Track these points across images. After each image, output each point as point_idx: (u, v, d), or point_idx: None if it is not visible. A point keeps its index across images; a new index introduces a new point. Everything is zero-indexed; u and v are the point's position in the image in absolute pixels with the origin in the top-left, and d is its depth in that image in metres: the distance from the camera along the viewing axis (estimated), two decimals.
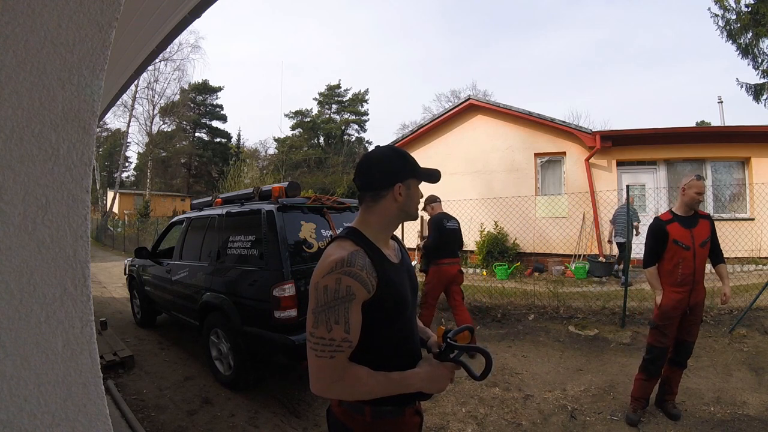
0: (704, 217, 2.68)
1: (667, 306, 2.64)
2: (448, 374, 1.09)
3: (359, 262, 1.00)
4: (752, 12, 12.18)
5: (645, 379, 2.73)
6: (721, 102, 15.08)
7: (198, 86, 37.54)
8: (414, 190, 1.16)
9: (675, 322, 2.64)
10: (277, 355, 2.95)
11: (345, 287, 0.97)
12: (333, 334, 0.96)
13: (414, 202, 1.17)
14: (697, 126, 15.80)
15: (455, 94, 32.83)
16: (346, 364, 0.98)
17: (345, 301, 0.96)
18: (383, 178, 1.11)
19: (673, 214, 2.67)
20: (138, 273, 5.30)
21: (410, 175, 1.14)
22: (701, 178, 2.63)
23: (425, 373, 1.06)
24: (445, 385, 1.09)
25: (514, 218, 7.92)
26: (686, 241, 2.58)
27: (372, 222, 1.13)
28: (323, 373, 0.97)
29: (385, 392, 1.02)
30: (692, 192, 2.59)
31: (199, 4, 2.60)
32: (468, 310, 5.50)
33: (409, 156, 1.17)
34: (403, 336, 1.13)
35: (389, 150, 1.16)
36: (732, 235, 7.00)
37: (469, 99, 10.02)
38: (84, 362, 0.80)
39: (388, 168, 1.12)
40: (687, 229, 2.60)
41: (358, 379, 0.99)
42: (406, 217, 1.17)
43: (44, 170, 0.75)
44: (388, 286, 1.04)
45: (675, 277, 2.60)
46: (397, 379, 1.03)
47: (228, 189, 18.26)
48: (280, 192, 3.37)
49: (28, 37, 0.72)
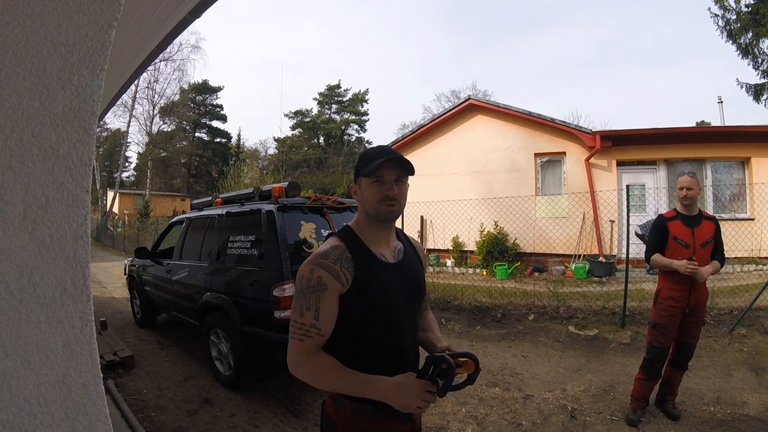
0: (709, 219, 2.64)
1: (665, 302, 2.63)
2: (417, 391, 0.96)
3: (334, 255, 1.05)
4: (752, 12, 12.18)
5: (645, 379, 2.72)
6: (721, 102, 15.08)
7: (198, 86, 37.51)
8: (365, 188, 1.11)
9: (675, 322, 2.61)
10: (277, 355, 2.94)
11: (317, 277, 1.03)
12: (303, 319, 1.02)
13: (367, 201, 1.11)
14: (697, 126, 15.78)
15: (455, 94, 32.81)
16: (312, 349, 1.03)
17: (316, 290, 1.02)
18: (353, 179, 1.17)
19: (677, 212, 2.67)
20: (138, 273, 5.29)
21: (357, 173, 1.14)
22: (689, 173, 2.63)
23: (393, 383, 0.98)
24: (413, 404, 0.96)
25: (514, 218, 7.92)
26: (686, 240, 2.57)
27: (359, 221, 1.17)
28: (292, 353, 1.04)
29: (347, 390, 1.02)
30: (678, 189, 2.62)
31: (199, 4, 2.60)
32: (468, 310, 5.52)
33: (366, 154, 1.13)
34: (385, 339, 1.09)
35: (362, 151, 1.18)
36: (732, 235, 6.98)
37: (469, 99, 10.02)
38: (84, 362, 0.80)
39: (355, 168, 1.17)
40: (688, 227, 2.59)
41: (322, 367, 1.02)
42: (372, 218, 1.13)
43: (44, 170, 0.75)
44: (367, 282, 1.06)
45: (674, 275, 2.58)
46: (361, 380, 1.01)
47: (228, 189, 18.27)
48: (280, 192, 3.37)
49: (28, 37, 0.72)
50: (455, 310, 5.58)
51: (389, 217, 1.12)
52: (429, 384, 0.98)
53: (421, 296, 1.26)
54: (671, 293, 2.61)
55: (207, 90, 39.45)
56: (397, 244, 1.22)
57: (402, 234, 1.29)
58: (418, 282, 1.22)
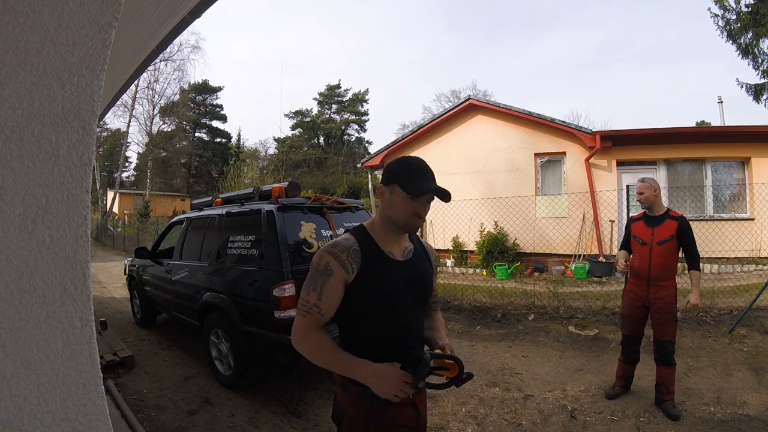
0: (673, 218, 2.79)
1: (627, 295, 2.97)
2: (396, 379, 1.05)
3: (343, 245, 1.16)
4: (752, 12, 12.18)
5: (622, 361, 3.04)
6: (721, 102, 15.07)
7: (198, 86, 37.50)
8: (397, 198, 1.16)
9: (636, 313, 2.90)
10: (277, 355, 2.94)
11: (325, 263, 1.14)
12: (308, 298, 1.14)
13: (395, 209, 1.17)
14: (697, 126, 15.77)
15: (455, 94, 32.81)
16: (313, 326, 1.14)
17: (323, 275, 1.13)
18: (381, 179, 1.23)
19: (644, 214, 2.92)
20: (138, 273, 5.29)
21: (393, 179, 1.19)
22: (642, 180, 2.89)
23: (375, 369, 1.08)
24: (390, 391, 1.05)
25: (514, 218, 7.91)
26: (645, 238, 2.84)
27: (375, 222, 1.25)
28: (295, 327, 1.16)
29: (335, 367, 1.13)
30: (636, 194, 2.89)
31: (199, 4, 2.60)
32: (468, 310, 5.52)
33: (410, 169, 1.18)
34: (388, 331, 1.17)
35: (404, 157, 1.23)
36: (732, 235, 6.99)
37: (469, 99, 10.01)
38: (84, 362, 0.80)
39: (385, 171, 1.23)
40: (649, 227, 2.84)
41: (318, 344, 1.14)
42: (392, 223, 1.20)
43: (44, 170, 0.75)
44: (372, 274, 1.15)
45: (634, 270, 2.91)
46: (349, 361, 1.11)
47: (228, 189, 18.26)
48: (280, 192, 3.37)
49: (28, 37, 0.72)
50: (455, 310, 5.58)
51: (413, 230, 1.25)
52: (408, 376, 1.06)
53: (427, 295, 1.31)
54: (631, 287, 2.94)
55: (207, 90, 39.45)
56: (408, 245, 1.28)
57: (415, 237, 1.35)
58: (424, 281, 1.28)
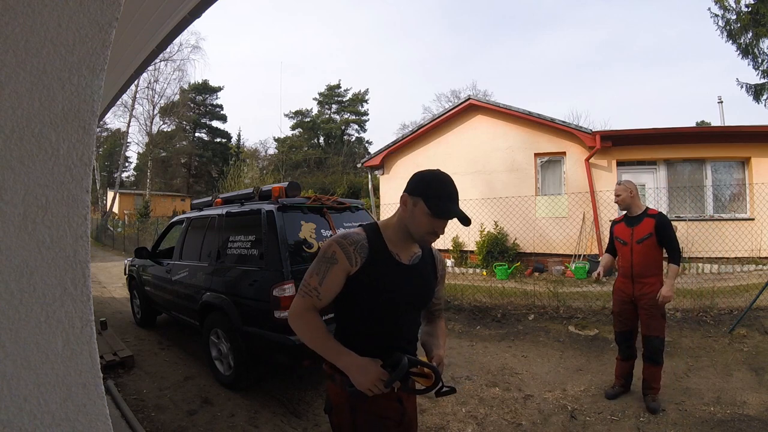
0: (651, 216, 2.89)
1: (616, 292, 3.05)
2: (373, 377, 1.09)
3: (352, 238, 1.20)
4: (752, 12, 12.18)
5: (620, 359, 3.08)
6: (721, 102, 15.08)
7: (198, 86, 37.50)
8: (420, 212, 1.17)
9: (625, 310, 2.97)
10: (277, 355, 2.94)
11: (331, 252, 1.19)
12: (310, 281, 1.20)
13: (414, 222, 1.19)
14: (697, 126, 15.78)
15: (455, 94, 32.79)
16: (309, 307, 1.19)
17: (327, 262, 1.18)
18: (407, 187, 1.23)
19: (625, 216, 3.03)
20: (138, 273, 5.29)
21: (419, 193, 1.18)
22: (618, 182, 3.03)
23: (357, 361, 1.13)
24: (365, 385, 1.10)
25: (515, 218, 7.92)
26: (625, 238, 2.96)
27: (389, 224, 1.27)
28: (293, 305, 1.21)
29: (321, 351, 1.17)
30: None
31: (199, 4, 2.60)
32: (468, 310, 5.52)
33: (440, 187, 1.18)
34: (382, 330, 1.21)
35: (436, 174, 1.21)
36: (732, 235, 6.99)
37: (469, 99, 10.01)
38: (84, 362, 0.80)
39: (413, 180, 1.22)
40: (629, 227, 2.95)
41: (310, 325, 1.18)
42: (407, 232, 1.21)
43: (44, 170, 0.75)
44: (374, 271, 1.18)
45: (619, 268, 3.03)
46: (334, 347, 1.16)
47: (228, 189, 18.26)
48: (280, 192, 3.37)
49: (28, 37, 0.72)
50: (455, 310, 5.58)
51: (427, 245, 1.29)
52: (385, 374, 1.10)
53: (426, 302, 1.32)
54: (618, 284, 3.04)
55: (207, 90, 39.44)
56: (417, 251, 1.29)
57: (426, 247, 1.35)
58: (425, 287, 1.29)
